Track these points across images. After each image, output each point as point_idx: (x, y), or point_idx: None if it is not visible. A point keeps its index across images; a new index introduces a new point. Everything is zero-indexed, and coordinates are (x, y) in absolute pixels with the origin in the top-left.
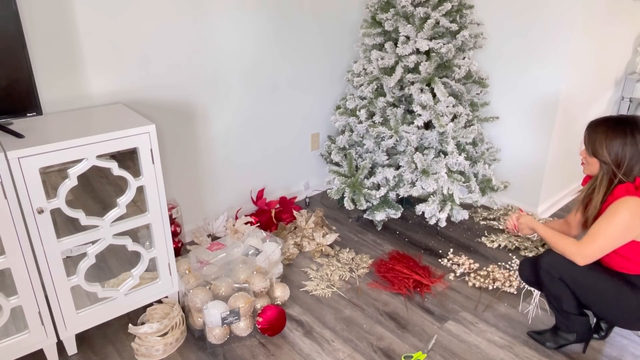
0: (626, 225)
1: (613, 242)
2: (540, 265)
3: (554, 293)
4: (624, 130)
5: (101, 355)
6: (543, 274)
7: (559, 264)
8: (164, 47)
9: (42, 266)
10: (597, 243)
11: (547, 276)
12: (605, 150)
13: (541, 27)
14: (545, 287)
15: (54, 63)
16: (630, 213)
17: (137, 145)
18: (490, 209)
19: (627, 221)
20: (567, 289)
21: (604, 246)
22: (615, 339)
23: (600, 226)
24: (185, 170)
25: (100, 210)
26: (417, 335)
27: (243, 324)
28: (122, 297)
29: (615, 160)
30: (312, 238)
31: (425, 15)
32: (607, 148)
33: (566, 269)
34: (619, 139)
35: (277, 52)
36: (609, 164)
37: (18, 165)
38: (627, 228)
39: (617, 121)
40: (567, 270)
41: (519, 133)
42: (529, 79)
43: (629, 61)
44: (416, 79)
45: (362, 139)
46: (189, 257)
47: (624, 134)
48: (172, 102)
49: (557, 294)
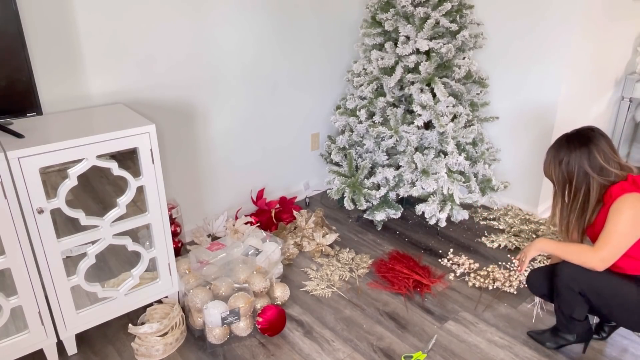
0: (633, 220)
1: (626, 239)
2: (561, 279)
3: (569, 304)
4: (568, 148)
5: (101, 355)
6: (562, 287)
7: (581, 277)
8: (164, 47)
9: (42, 266)
10: (612, 243)
11: (567, 290)
12: (554, 172)
13: (541, 27)
14: (560, 299)
15: (54, 63)
16: (633, 208)
17: (137, 145)
18: (490, 209)
19: (632, 216)
20: (584, 301)
21: (618, 245)
22: (616, 339)
23: (610, 227)
24: (185, 170)
25: (100, 210)
26: (417, 335)
27: (243, 324)
28: (122, 297)
29: (566, 177)
30: (312, 238)
31: (425, 15)
32: (556, 168)
33: (587, 282)
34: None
35: (277, 52)
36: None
37: (18, 165)
38: (635, 223)
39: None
40: (588, 282)
41: (519, 133)
42: (529, 78)
43: (629, 61)
44: (416, 79)
45: (362, 139)
46: (189, 257)
47: (567, 152)
48: (172, 102)
49: (573, 305)
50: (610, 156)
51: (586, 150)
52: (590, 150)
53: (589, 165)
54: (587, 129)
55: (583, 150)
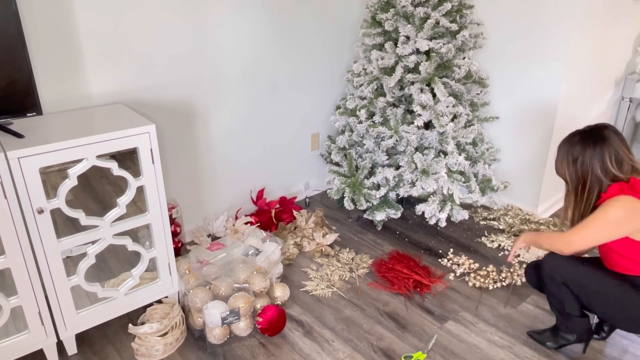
0: (616, 220)
1: (599, 235)
2: (543, 268)
3: (557, 296)
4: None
5: (101, 355)
6: (546, 277)
7: (562, 268)
8: (164, 47)
9: (42, 266)
10: (583, 232)
11: (550, 280)
12: (567, 170)
13: (541, 26)
14: (548, 291)
15: (54, 63)
16: (623, 210)
17: (137, 145)
18: (490, 209)
19: (618, 217)
20: (570, 293)
21: (588, 237)
22: (616, 339)
23: (590, 218)
24: (185, 170)
25: (100, 210)
26: (417, 335)
27: (243, 324)
28: (122, 297)
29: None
30: (312, 238)
31: (425, 15)
32: (569, 168)
33: (569, 273)
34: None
35: (277, 52)
36: (574, 181)
37: (18, 165)
38: (616, 224)
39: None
40: (570, 273)
41: (519, 133)
42: (529, 78)
43: (629, 61)
44: (416, 79)
45: (362, 139)
46: (189, 257)
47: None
48: (172, 102)
49: (560, 297)
50: (623, 156)
51: (600, 149)
52: (603, 150)
53: (602, 166)
54: (601, 127)
55: (597, 150)
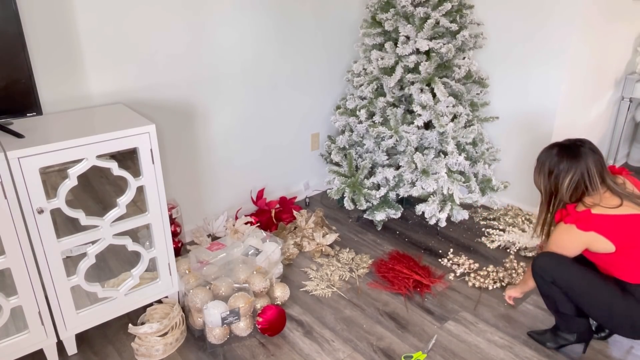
0: (562, 246)
1: (561, 252)
2: (533, 268)
3: (548, 296)
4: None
5: (101, 355)
6: (536, 277)
7: (550, 267)
8: (164, 47)
9: (42, 266)
10: (549, 250)
11: (540, 280)
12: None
13: (542, 26)
14: (540, 291)
15: (54, 63)
16: (561, 238)
17: (137, 145)
18: (490, 209)
19: (562, 244)
20: (560, 292)
21: (554, 253)
22: (617, 339)
23: (550, 238)
24: (185, 170)
25: (100, 210)
26: (417, 335)
27: (243, 324)
28: (122, 297)
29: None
30: (312, 238)
31: (425, 15)
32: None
33: (557, 272)
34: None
35: (277, 52)
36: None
37: (18, 165)
38: (563, 248)
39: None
40: (557, 273)
41: (519, 133)
42: (529, 78)
43: (629, 61)
44: (416, 79)
45: (362, 139)
46: (189, 257)
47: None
48: (172, 102)
49: (551, 296)
50: (593, 175)
51: (572, 166)
52: (574, 167)
53: (568, 183)
54: (578, 143)
55: (569, 166)
